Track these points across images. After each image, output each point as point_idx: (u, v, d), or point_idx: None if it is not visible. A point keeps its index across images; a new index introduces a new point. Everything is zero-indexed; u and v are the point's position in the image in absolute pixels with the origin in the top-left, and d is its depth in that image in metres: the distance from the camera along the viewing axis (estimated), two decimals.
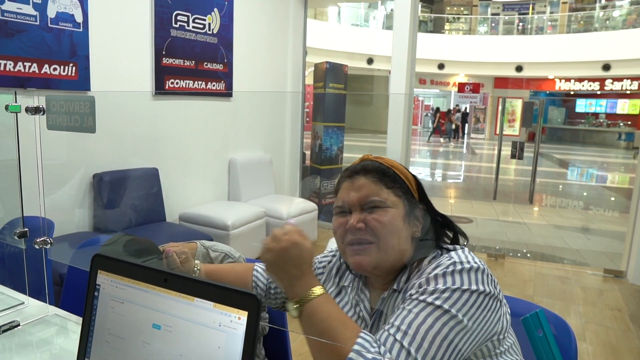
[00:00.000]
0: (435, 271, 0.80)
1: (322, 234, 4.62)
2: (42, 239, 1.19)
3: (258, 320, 0.61)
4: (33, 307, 1.21)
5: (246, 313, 0.61)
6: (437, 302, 0.76)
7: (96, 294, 0.74)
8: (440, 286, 0.77)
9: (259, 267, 1.15)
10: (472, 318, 0.75)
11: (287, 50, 4.91)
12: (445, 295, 0.76)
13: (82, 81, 2.95)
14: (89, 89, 2.99)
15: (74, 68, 2.90)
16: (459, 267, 0.79)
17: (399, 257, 0.90)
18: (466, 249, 0.88)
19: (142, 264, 0.73)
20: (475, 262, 0.81)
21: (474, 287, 0.77)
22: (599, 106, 19.83)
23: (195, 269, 1.08)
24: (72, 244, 2.62)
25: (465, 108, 18.72)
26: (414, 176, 0.94)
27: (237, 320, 0.62)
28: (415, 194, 0.92)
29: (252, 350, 0.61)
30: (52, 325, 1.14)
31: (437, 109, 18.93)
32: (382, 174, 0.90)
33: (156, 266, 0.99)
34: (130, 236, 1.08)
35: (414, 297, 0.79)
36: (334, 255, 1.08)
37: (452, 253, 0.85)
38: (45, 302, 1.22)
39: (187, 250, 1.09)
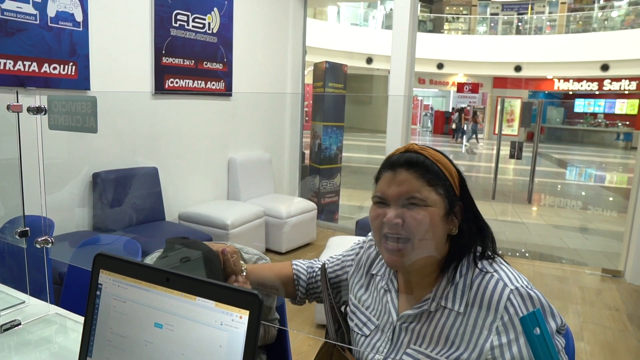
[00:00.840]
0: (501, 307, 0.82)
1: (321, 234, 4.62)
2: (44, 238, 1.19)
3: (259, 319, 0.62)
4: (34, 306, 1.21)
5: (247, 312, 0.62)
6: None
7: (98, 293, 0.74)
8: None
9: (297, 262, 1.19)
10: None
11: (287, 49, 4.91)
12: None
13: (81, 80, 2.95)
14: (88, 88, 3.00)
15: (73, 67, 2.90)
16: (525, 295, 0.82)
17: (434, 255, 0.90)
18: (504, 263, 0.89)
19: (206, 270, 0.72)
20: (523, 280, 0.86)
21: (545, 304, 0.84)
22: (598, 106, 19.85)
23: (243, 268, 1.10)
24: (72, 243, 2.62)
25: (460, 107, 18.68)
26: (457, 171, 0.91)
27: (238, 319, 0.62)
28: (457, 190, 0.89)
29: (254, 349, 0.61)
30: (53, 324, 1.15)
31: (462, 109, 18.45)
32: (426, 170, 0.87)
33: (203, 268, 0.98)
34: (183, 241, 1.04)
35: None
36: (361, 247, 1.10)
37: (499, 271, 0.86)
38: (46, 301, 1.22)
39: (236, 250, 1.12)
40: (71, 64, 2.88)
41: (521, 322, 0.59)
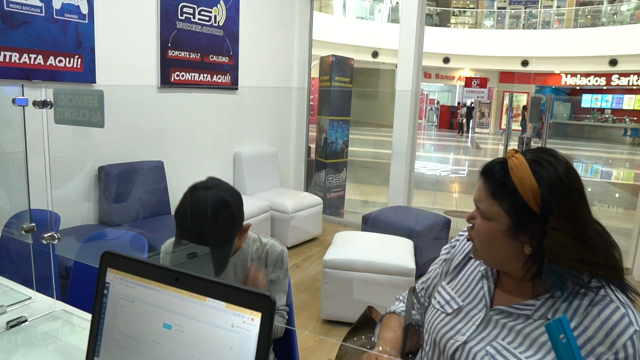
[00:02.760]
0: (620, 343, 0.77)
1: (326, 228, 4.61)
2: (50, 234, 1.18)
3: (272, 321, 0.60)
4: (40, 302, 1.20)
5: (260, 314, 0.60)
6: None
7: (105, 292, 0.72)
8: None
9: (397, 310, 1.15)
10: None
11: (293, 42, 4.88)
12: None
13: (87, 73, 2.94)
14: (94, 81, 2.98)
15: (79, 60, 2.88)
16: None
17: (504, 266, 0.90)
18: (628, 301, 0.82)
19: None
20: None
21: None
22: (605, 101, 19.67)
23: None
24: (77, 237, 2.62)
25: (471, 102, 18.57)
26: (545, 187, 0.81)
27: (250, 321, 0.60)
28: (535, 208, 0.82)
29: (266, 352, 0.59)
30: (59, 321, 1.14)
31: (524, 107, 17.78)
32: (497, 183, 0.87)
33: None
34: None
35: None
36: (460, 235, 1.10)
37: (626, 306, 0.80)
38: (53, 297, 1.21)
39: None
40: (77, 56, 2.87)
41: (546, 328, 0.57)
